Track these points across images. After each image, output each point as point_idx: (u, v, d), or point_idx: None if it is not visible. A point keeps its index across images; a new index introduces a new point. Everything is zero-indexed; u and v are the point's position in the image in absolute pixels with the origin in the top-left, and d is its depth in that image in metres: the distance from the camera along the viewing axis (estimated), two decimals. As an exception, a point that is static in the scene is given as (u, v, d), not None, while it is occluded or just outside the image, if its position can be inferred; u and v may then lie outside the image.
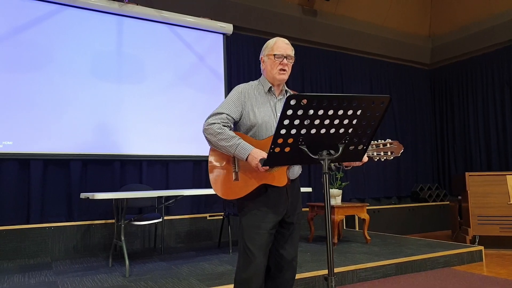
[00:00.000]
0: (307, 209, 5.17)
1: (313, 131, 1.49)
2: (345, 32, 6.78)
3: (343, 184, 5.16)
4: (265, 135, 1.92)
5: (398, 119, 7.47)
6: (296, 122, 1.45)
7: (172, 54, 5.31)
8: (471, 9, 6.93)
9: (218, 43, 5.67)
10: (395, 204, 6.99)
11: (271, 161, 1.59)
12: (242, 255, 1.89)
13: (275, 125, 1.89)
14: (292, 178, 1.97)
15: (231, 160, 1.91)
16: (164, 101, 5.18)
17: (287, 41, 2.00)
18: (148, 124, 5.04)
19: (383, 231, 6.12)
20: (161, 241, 4.60)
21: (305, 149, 1.53)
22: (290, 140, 1.50)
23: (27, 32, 4.49)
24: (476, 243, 4.91)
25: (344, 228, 6.20)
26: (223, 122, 1.88)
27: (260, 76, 2.07)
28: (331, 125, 1.49)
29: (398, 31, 7.34)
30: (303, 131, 1.48)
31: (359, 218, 6.09)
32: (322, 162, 1.53)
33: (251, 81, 2.06)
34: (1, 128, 4.27)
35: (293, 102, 1.39)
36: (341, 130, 1.52)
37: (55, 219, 4.50)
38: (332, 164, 1.57)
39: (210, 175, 1.94)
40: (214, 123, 1.87)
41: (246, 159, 1.80)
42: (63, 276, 3.38)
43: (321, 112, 1.44)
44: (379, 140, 1.88)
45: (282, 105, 1.98)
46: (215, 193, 1.93)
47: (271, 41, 2.00)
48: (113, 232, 4.26)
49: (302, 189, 4.32)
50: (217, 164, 1.94)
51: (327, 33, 6.65)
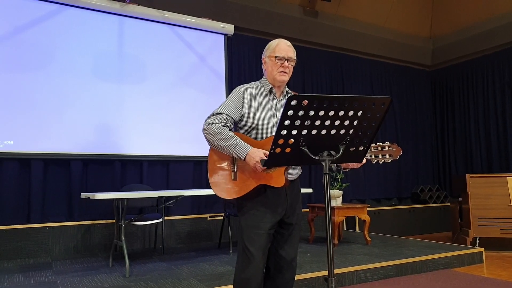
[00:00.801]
0: (308, 210, 5.17)
1: (314, 132, 1.49)
2: (346, 33, 6.78)
3: (344, 185, 5.16)
4: (265, 136, 1.92)
5: (399, 120, 7.47)
6: (297, 123, 1.45)
7: (173, 54, 5.31)
8: (472, 11, 6.93)
9: (219, 44, 5.68)
10: (396, 206, 6.99)
11: (272, 162, 1.59)
12: (241, 255, 1.89)
13: (275, 126, 1.91)
14: (291, 179, 1.97)
15: (230, 160, 1.92)
16: (165, 101, 5.18)
17: (289, 43, 1.99)
18: (149, 124, 5.04)
19: (384, 232, 6.11)
20: (162, 242, 4.60)
21: (306, 150, 1.53)
22: (291, 141, 1.50)
23: (29, 32, 4.50)
24: (477, 245, 4.90)
25: (345, 229, 6.20)
26: (223, 122, 1.89)
27: (262, 77, 2.07)
28: (332, 126, 1.49)
29: (399, 32, 7.34)
30: (304, 132, 1.48)
31: (360, 219, 6.08)
32: (323, 163, 1.53)
33: (252, 82, 2.06)
34: (2, 128, 4.28)
35: (294, 103, 1.39)
36: (342, 131, 1.52)
37: (56, 219, 4.51)
38: (332, 165, 1.57)
39: (209, 175, 1.95)
40: (214, 123, 1.88)
41: (244, 159, 1.80)
42: (63, 276, 3.38)
43: (322, 113, 1.44)
44: (378, 143, 1.88)
45: (283, 106, 1.99)
46: (215, 194, 1.94)
47: (273, 43, 2.00)
48: (114, 232, 4.27)
49: (303, 190, 4.32)
50: (217, 164, 1.95)
51: (328, 34, 6.65)
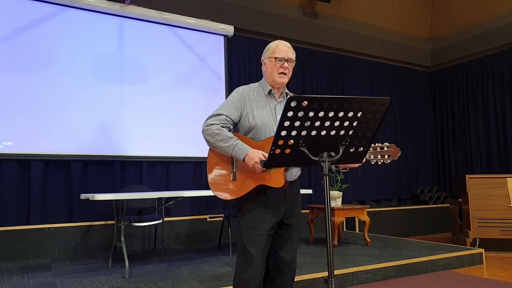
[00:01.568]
0: (307, 211, 5.17)
1: (314, 133, 1.49)
2: (346, 34, 6.78)
3: (344, 186, 5.16)
4: (264, 137, 1.92)
5: (399, 121, 7.47)
6: (297, 124, 1.45)
7: (173, 56, 5.32)
8: (472, 12, 6.93)
9: (219, 45, 5.68)
10: (396, 206, 6.98)
11: (272, 163, 1.59)
12: (241, 256, 1.89)
13: (274, 127, 1.92)
14: (291, 180, 1.97)
15: (230, 161, 1.92)
16: (165, 102, 5.18)
17: (289, 44, 2.00)
18: (149, 125, 5.04)
19: (384, 233, 6.11)
20: (161, 243, 4.59)
21: (306, 151, 1.53)
22: (291, 142, 1.50)
23: (29, 33, 4.50)
24: (477, 246, 4.90)
25: (344, 230, 6.19)
26: (222, 123, 1.90)
27: (261, 78, 2.07)
28: (332, 127, 1.49)
29: (399, 34, 7.35)
30: (304, 133, 1.48)
31: (359, 220, 6.08)
32: (323, 164, 1.53)
33: (252, 84, 2.07)
34: (2, 129, 4.28)
35: (294, 104, 1.39)
36: (342, 132, 1.52)
37: (55, 220, 4.50)
38: (332, 166, 1.58)
39: (209, 175, 1.95)
40: (213, 124, 1.89)
41: (243, 160, 1.81)
42: (63, 277, 3.37)
43: (322, 114, 1.44)
44: (377, 144, 1.88)
45: (282, 108, 2.00)
46: (215, 195, 1.95)
47: (273, 44, 2.00)
48: (113, 233, 4.26)
49: (302, 191, 4.31)
50: (216, 165, 1.95)
51: (328, 35, 6.65)
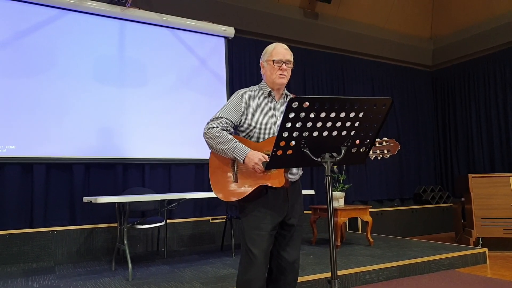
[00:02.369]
0: (310, 212, 5.16)
1: (315, 134, 1.49)
2: (347, 35, 6.78)
3: (346, 187, 5.16)
4: (265, 138, 1.95)
5: (400, 121, 7.46)
6: (298, 125, 1.45)
7: (174, 58, 5.33)
8: (472, 11, 6.92)
9: (220, 46, 5.69)
10: (398, 206, 6.97)
11: (274, 164, 1.59)
12: (244, 257, 1.92)
13: (274, 129, 1.96)
14: (292, 181, 1.98)
15: (231, 163, 1.96)
16: (166, 104, 5.19)
17: (286, 47, 2.03)
18: (150, 128, 5.05)
19: (386, 233, 6.10)
20: (164, 245, 4.60)
21: (308, 152, 1.53)
22: (292, 143, 1.51)
23: (30, 37, 4.51)
24: (480, 245, 4.89)
25: (347, 231, 6.19)
26: (222, 126, 1.93)
27: (261, 80, 2.10)
28: (333, 128, 1.49)
29: (400, 33, 7.34)
30: (305, 134, 1.49)
31: (362, 221, 6.07)
32: (325, 165, 1.53)
33: (252, 86, 2.10)
34: (4, 133, 4.29)
35: (295, 105, 1.40)
36: (344, 133, 1.52)
37: (58, 223, 4.51)
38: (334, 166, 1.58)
39: (211, 178, 1.99)
40: (213, 127, 1.93)
41: (244, 161, 1.84)
42: (66, 280, 3.38)
43: (323, 115, 1.44)
44: (376, 139, 1.88)
45: (282, 109, 2.03)
46: (217, 196, 1.98)
47: (270, 47, 2.04)
48: (116, 236, 4.27)
49: (305, 192, 4.32)
50: (217, 167, 1.99)
51: (329, 36, 6.66)
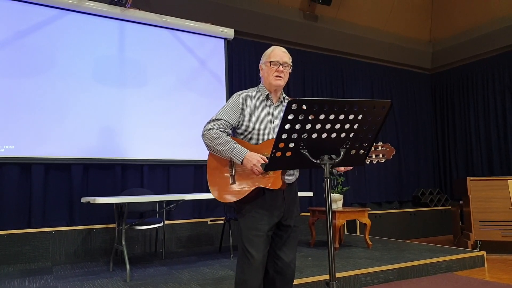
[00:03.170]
0: (308, 214, 5.16)
1: (314, 136, 1.50)
2: (346, 37, 6.79)
3: (344, 189, 5.16)
4: (262, 141, 1.97)
5: (399, 124, 7.47)
6: (297, 127, 1.46)
7: (174, 59, 5.33)
8: (472, 14, 6.95)
9: (220, 48, 5.69)
10: (396, 209, 6.97)
11: (273, 165, 1.60)
12: (242, 257, 1.94)
13: (272, 131, 1.98)
14: (289, 182, 2.00)
15: (228, 164, 1.98)
16: (166, 105, 5.19)
17: (284, 49, 2.07)
18: (150, 128, 5.05)
19: (385, 236, 6.10)
20: (162, 246, 4.59)
21: (307, 154, 1.53)
22: (291, 145, 1.51)
23: (30, 37, 4.51)
24: (478, 248, 4.89)
25: (346, 233, 6.19)
26: (220, 128, 1.96)
27: (260, 83, 2.14)
28: (332, 130, 1.50)
29: (399, 36, 7.36)
30: (304, 136, 1.49)
31: (361, 223, 6.07)
32: (323, 167, 1.53)
33: (250, 89, 2.14)
34: (3, 132, 4.28)
35: (295, 107, 1.40)
36: (342, 135, 1.52)
37: (56, 224, 4.50)
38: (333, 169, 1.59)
39: (208, 178, 2.01)
40: (212, 129, 1.95)
41: (242, 162, 1.86)
42: (64, 281, 3.37)
43: (322, 117, 1.44)
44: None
45: (280, 112, 2.04)
46: (215, 198, 2.01)
47: (269, 50, 2.08)
48: (114, 237, 4.26)
49: (303, 194, 4.33)
50: (215, 168, 2.01)
51: (328, 38, 6.67)
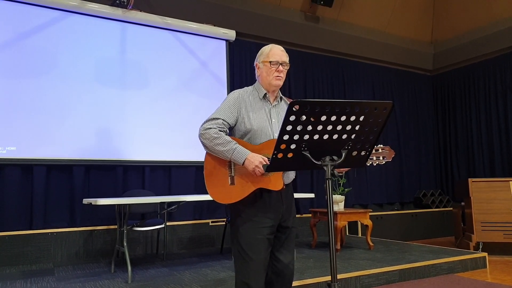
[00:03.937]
0: (310, 215, 5.16)
1: (316, 137, 1.49)
2: (347, 38, 6.80)
3: (346, 190, 5.16)
4: (260, 141, 1.94)
5: (401, 125, 7.47)
6: (299, 128, 1.46)
7: (175, 60, 5.34)
8: (473, 15, 6.94)
9: (221, 49, 5.70)
10: (398, 210, 6.96)
11: (274, 167, 1.59)
12: (240, 260, 1.88)
13: (270, 131, 1.95)
14: (287, 183, 1.98)
15: (227, 165, 1.92)
16: (167, 107, 5.20)
17: (282, 48, 2.03)
18: (151, 130, 5.05)
19: (386, 237, 6.09)
20: (164, 247, 4.59)
21: (308, 155, 1.53)
22: (293, 146, 1.51)
23: (31, 38, 4.53)
24: (480, 250, 4.88)
25: (347, 234, 6.18)
26: (219, 127, 1.90)
27: (255, 82, 2.09)
28: (334, 131, 1.49)
29: (400, 37, 7.36)
30: (306, 137, 1.49)
31: (362, 224, 6.06)
32: (325, 168, 1.53)
33: (246, 87, 2.08)
34: (5, 134, 4.29)
35: (296, 108, 1.40)
36: (344, 136, 1.52)
37: (58, 225, 4.50)
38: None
39: (206, 179, 1.94)
40: (211, 128, 1.89)
41: (243, 164, 1.82)
42: (65, 282, 3.37)
43: (324, 118, 1.44)
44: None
45: (277, 111, 2.02)
46: (213, 199, 1.93)
47: (267, 48, 2.03)
48: (116, 238, 4.26)
49: (305, 195, 4.33)
50: (213, 169, 1.94)
51: (329, 40, 6.67)
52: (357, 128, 1.51)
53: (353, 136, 1.53)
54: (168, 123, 5.17)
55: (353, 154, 1.60)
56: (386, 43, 7.19)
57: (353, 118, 1.47)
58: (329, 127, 1.47)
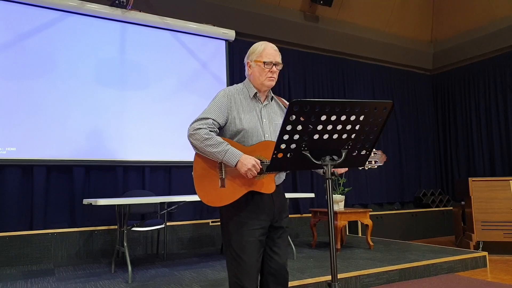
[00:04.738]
0: (310, 215, 5.16)
1: (316, 137, 1.49)
2: (347, 38, 6.80)
3: (346, 190, 5.16)
4: (252, 141, 1.89)
5: (401, 125, 7.47)
6: (299, 128, 1.45)
7: (175, 60, 5.34)
8: (473, 15, 6.94)
9: (221, 49, 5.70)
10: (398, 210, 6.97)
11: (274, 167, 1.59)
12: (233, 262, 1.86)
13: (261, 131, 1.90)
14: (277, 184, 1.93)
15: (218, 166, 1.86)
16: (167, 107, 5.20)
17: (275, 47, 1.97)
18: (151, 130, 5.05)
19: (386, 237, 6.09)
20: (164, 247, 4.59)
21: (308, 155, 1.53)
22: (293, 146, 1.50)
23: (31, 39, 4.52)
24: (480, 249, 4.88)
25: (347, 234, 6.18)
26: (210, 128, 1.83)
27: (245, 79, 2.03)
28: (334, 131, 1.49)
29: (400, 37, 7.36)
30: (306, 137, 1.49)
31: (362, 224, 6.06)
32: (325, 168, 1.53)
33: (236, 85, 2.02)
34: (5, 134, 4.29)
35: (296, 108, 1.40)
36: (344, 136, 1.52)
37: (58, 225, 4.51)
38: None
39: (195, 181, 1.87)
40: (201, 128, 1.82)
41: (236, 166, 1.76)
42: (66, 283, 3.37)
43: (324, 118, 1.44)
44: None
45: (268, 111, 1.99)
46: (203, 202, 1.86)
47: (259, 47, 1.95)
48: (116, 238, 4.26)
49: (305, 195, 4.33)
50: (203, 170, 1.87)
51: (329, 39, 6.67)
52: (357, 128, 1.51)
53: (353, 136, 1.53)
54: (168, 123, 5.17)
55: (353, 154, 1.60)
56: (386, 43, 7.19)
57: (353, 118, 1.47)
58: (329, 127, 1.47)
